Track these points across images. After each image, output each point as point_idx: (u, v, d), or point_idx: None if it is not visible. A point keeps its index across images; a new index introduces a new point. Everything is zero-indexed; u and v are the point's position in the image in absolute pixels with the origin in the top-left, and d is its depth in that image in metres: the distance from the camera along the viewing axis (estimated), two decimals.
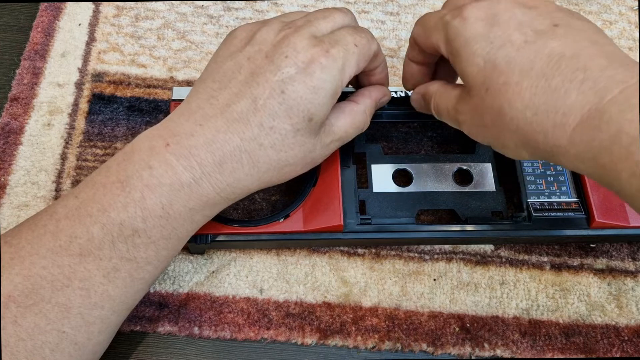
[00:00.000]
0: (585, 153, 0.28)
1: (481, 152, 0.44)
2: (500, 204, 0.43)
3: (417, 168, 0.44)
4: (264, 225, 0.40)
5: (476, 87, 0.32)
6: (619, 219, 0.40)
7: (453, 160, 0.44)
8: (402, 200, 0.42)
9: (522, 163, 0.43)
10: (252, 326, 0.40)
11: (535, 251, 0.44)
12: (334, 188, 0.40)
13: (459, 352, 0.40)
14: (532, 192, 0.42)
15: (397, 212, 0.42)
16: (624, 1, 0.55)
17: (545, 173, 0.42)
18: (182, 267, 0.42)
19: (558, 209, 0.41)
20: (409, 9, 0.55)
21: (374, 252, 0.43)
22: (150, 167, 0.32)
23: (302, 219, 0.40)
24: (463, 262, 0.43)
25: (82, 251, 0.31)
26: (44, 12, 0.53)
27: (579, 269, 0.43)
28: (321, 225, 0.40)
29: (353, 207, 0.41)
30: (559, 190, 0.42)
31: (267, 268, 0.43)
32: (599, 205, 0.41)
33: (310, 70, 0.33)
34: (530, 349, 0.40)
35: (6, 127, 0.47)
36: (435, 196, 0.43)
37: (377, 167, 0.43)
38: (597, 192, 0.41)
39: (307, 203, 0.40)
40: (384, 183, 0.43)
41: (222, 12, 0.54)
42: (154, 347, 0.40)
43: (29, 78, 0.49)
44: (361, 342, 0.40)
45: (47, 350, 0.30)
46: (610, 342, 0.40)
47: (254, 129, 0.33)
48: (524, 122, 0.30)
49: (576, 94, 0.28)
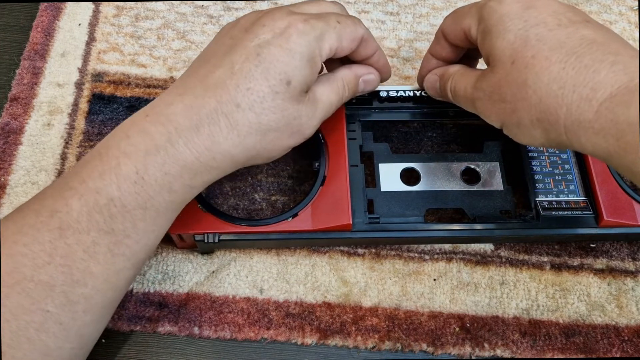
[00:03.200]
0: (610, 129, 0.28)
1: (489, 151, 0.44)
2: (508, 202, 0.43)
3: (425, 167, 0.44)
4: (272, 225, 0.40)
5: (502, 61, 0.33)
6: (627, 217, 0.40)
7: (461, 159, 0.44)
8: (410, 199, 0.42)
9: (531, 162, 0.43)
10: (252, 326, 0.40)
11: (535, 251, 0.44)
12: (342, 187, 0.40)
13: (459, 352, 0.40)
14: (540, 190, 0.42)
15: (406, 211, 0.42)
16: (624, 1, 0.55)
17: (553, 172, 0.42)
18: (182, 267, 0.42)
19: (566, 207, 0.41)
20: (409, 9, 0.55)
21: (374, 252, 0.43)
22: (127, 137, 0.33)
23: (310, 218, 0.40)
24: (463, 262, 0.43)
25: (62, 225, 0.31)
26: (44, 12, 0.53)
27: (579, 269, 0.43)
28: (330, 225, 0.39)
29: (361, 206, 0.41)
30: (567, 189, 0.42)
31: (267, 268, 0.42)
32: (608, 204, 0.41)
33: (287, 34, 0.34)
34: (530, 349, 0.40)
35: (6, 127, 0.47)
36: (444, 195, 0.43)
37: (384, 166, 0.43)
38: (605, 191, 0.41)
39: (315, 202, 0.40)
40: (391, 182, 0.43)
41: (222, 12, 0.54)
42: (154, 347, 0.40)
43: (29, 78, 0.49)
44: (361, 342, 0.40)
45: (32, 331, 0.30)
46: (610, 342, 0.40)
47: (231, 91, 0.33)
48: (548, 95, 0.30)
49: (606, 72, 0.29)
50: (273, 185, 0.46)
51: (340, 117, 0.42)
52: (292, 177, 0.46)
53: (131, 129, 0.33)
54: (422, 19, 0.54)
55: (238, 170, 0.46)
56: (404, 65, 0.51)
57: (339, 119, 0.42)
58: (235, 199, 0.45)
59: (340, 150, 0.42)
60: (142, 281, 0.42)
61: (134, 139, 0.33)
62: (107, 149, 0.33)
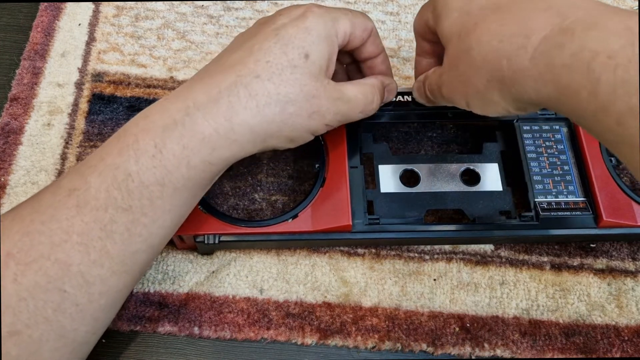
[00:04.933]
0: (546, 74, 0.28)
1: (488, 152, 0.44)
2: (507, 203, 0.43)
3: (424, 168, 0.44)
4: (272, 226, 0.40)
5: (452, 39, 0.34)
6: (626, 218, 0.40)
7: (460, 160, 0.44)
8: (409, 200, 0.42)
9: (530, 163, 0.43)
10: (252, 326, 0.40)
11: (535, 251, 0.44)
12: (342, 188, 0.40)
13: (459, 352, 0.40)
14: (540, 191, 0.42)
15: (405, 213, 0.42)
16: (624, 1, 0.55)
17: (552, 172, 0.43)
18: (182, 267, 0.42)
19: (565, 208, 0.41)
20: (409, 9, 0.55)
21: (374, 252, 0.43)
22: (146, 116, 0.33)
23: (310, 219, 0.40)
24: (463, 262, 0.43)
25: (79, 202, 0.31)
26: (44, 12, 0.53)
27: (579, 269, 0.43)
28: (330, 226, 0.40)
29: (361, 207, 0.41)
30: (566, 189, 0.42)
31: (267, 268, 0.42)
32: (607, 205, 0.41)
33: (304, 17, 0.35)
34: (530, 349, 0.40)
35: (6, 127, 0.47)
36: (443, 196, 0.43)
37: (384, 168, 0.43)
38: (605, 192, 0.41)
39: (315, 203, 0.40)
40: (391, 183, 0.43)
41: (222, 12, 0.54)
42: (154, 347, 0.40)
43: (29, 78, 0.49)
44: (361, 342, 0.40)
45: (50, 310, 0.30)
46: (610, 342, 0.40)
47: (250, 65, 0.34)
48: (489, 52, 0.31)
49: (539, 17, 0.29)
50: (273, 185, 0.46)
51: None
52: (292, 177, 0.46)
53: (150, 110, 0.34)
54: None
55: (238, 170, 0.46)
56: (404, 65, 0.51)
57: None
58: (235, 199, 0.45)
59: (340, 152, 0.42)
60: (142, 281, 0.42)
61: (153, 117, 0.33)
62: (126, 130, 0.33)
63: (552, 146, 0.43)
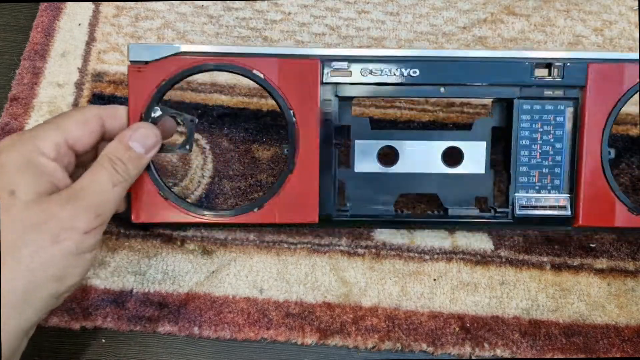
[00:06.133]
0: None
1: (478, 128, 0.42)
2: (486, 189, 0.41)
3: (405, 146, 0.41)
4: (237, 216, 0.39)
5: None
6: (604, 220, 0.40)
7: (445, 137, 0.42)
8: (383, 182, 0.41)
9: (520, 151, 0.41)
10: (252, 326, 0.40)
11: (535, 251, 0.44)
12: (312, 177, 0.39)
13: (459, 352, 0.40)
14: (522, 185, 0.41)
15: (377, 196, 0.41)
16: (624, 1, 0.55)
17: (542, 164, 0.41)
18: (182, 267, 0.42)
19: (544, 206, 0.41)
20: (409, 9, 0.55)
21: (374, 252, 0.43)
22: None
23: (276, 211, 0.39)
24: (463, 262, 0.43)
25: None
26: (44, 12, 0.53)
27: (579, 269, 0.43)
28: (295, 220, 0.39)
29: (331, 194, 0.40)
30: (551, 184, 0.41)
31: (267, 268, 0.42)
32: (587, 206, 0.40)
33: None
34: (530, 348, 0.40)
35: (6, 127, 0.47)
36: (419, 179, 0.41)
37: (361, 144, 0.41)
38: (591, 189, 0.40)
39: (282, 193, 0.39)
40: (367, 162, 0.41)
41: (222, 12, 0.54)
42: (154, 347, 0.40)
43: (29, 78, 0.49)
44: (361, 342, 0.40)
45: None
46: (610, 342, 0.40)
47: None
48: None
49: None
50: None
51: (313, 94, 0.39)
52: None
53: None
54: (422, 19, 0.54)
55: (238, 170, 0.46)
56: None
57: (311, 96, 0.39)
58: (236, 198, 0.45)
59: (311, 134, 0.39)
60: (142, 281, 0.42)
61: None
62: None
63: (550, 131, 0.41)
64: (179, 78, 0.38)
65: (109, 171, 0.35)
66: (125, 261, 0.43)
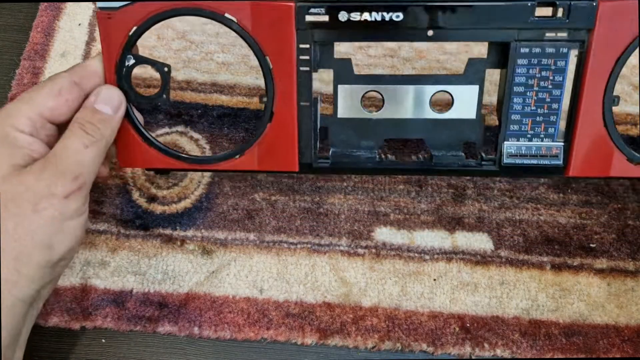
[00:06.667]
0: None
1: (471, 70, 0.39)
2: (476, 134, 0.39)
3: (391, 91, 0.39)
4: (219, 163, 0.39)
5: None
6: (598, 170, 0.38)
7: (435, 81, 0.39)
8: (368, 128, 0.39)
9: (513, 98, 0.37)
10: (252, 326, 0.40)
11: (535, 251, 0.44)
12: (291, 126, 0.38)
13: (459, 352, 0.40)
14: (513, 133, 0.38)
15: (361, 142, 0.39)
16: None
17: (536, 112, 0.38)
18: (182, 267, 0.42)
19: (534, 155, 0.38)
20: None
21: (374, 252, 0.43)
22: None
23: (256, 158, 0.38)
24: (463, 262, 0.43)
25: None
26: (44, 12, 0.53)
27: (579, 269, 0.43)
28: (275, 168, 0.39)
29: (311, 142, 0.38)
30: (545, 132, 0.38)
31: (267, 268, 0.43)
32: (581, 155, 0.38)
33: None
34: (530, 349, 0.40)
35: None
36: (405, 124, 0.39)
37: (344, 88, 0.39)
38: (588, 137, 0.37)
39: (262, 140, 0.38)
40: (350, 107, 0.39)
41: None
42: (154, 347, 0.40)
43: (29, 78, 0.49)
44: (361, 342, 0.40)
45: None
46: (610, 342, 0.40)
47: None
48: None
49: None
50: (273, 186, 0.46)
51: (288, 39, 0.37)
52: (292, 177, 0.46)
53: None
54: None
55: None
56: (404, 65, 0.51)
57: (287, 41, 0.37)
58: (236, 198, 0.45)
59: (289, 82, 0.37)
60: (142, 281, 0.42)
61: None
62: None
63: (548, 77, 0.37)
64: (150, 24, 0.37)
65: (79, 134, 0.35)
66: (125, 261, 0.43)
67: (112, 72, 0.38)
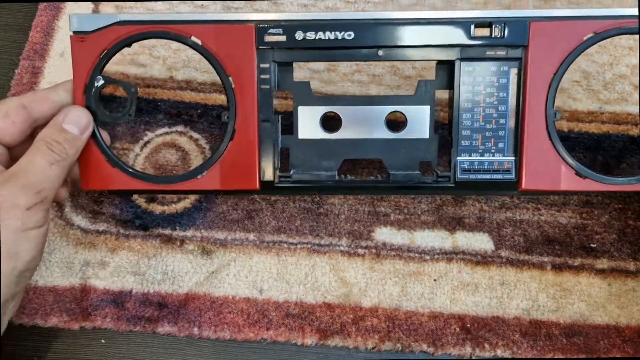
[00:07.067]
0: None
1: (421, 91, 0.40)
2: (431, 153, 0.40)
3: (348, 111, 0.40)
4: (180, 183, 0.39)
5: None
6: (549, 183, 0.39)
7: (388, 102, 0.41)
8: (328, 148, 0.40)
9: (462, 115, 0.40)
10: (252, 326, 0.40)
11: (536, 251, 0.44)
12: (251, 144, 0.39)
13: (459, 353, 0.40)
14: (465, 149, 0.40)
15: (322, 162, 0.40)
16: (624, 1, 0.55)
17: (485, 127, 0.40)
18: (182, 267, 0.42)
19: (488, 169, 0.40)
20: (409, 9, 0.55)
21: (374, 252, 0.43)
22: None
23: (219, 178, 0.39)
24: (463, 262, 0.43)
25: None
26: (44, 12, 0.53)
27: (579, 269, 0.43)
28: (237, 187, 0.39)
29: (271, 162, 0.39)
30: (495, 147, 0.40)
31: (267, 268, 0.42)
32: (531, 169, 0.39)
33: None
34: (530, 349, 0.40)
35: None
36: (363, 144, 0.40)
37: (304, 110, 0.40)
38: (535, 151, 0.39)
39: (224, 159, 0.39)
40: (310, 128, 0.40)
41: (222, 12, 0.54)
42: (154, 347, 0.40)
43: (28, 78, 0.49)
44: (361, 342, 0.40)
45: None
46: (611, 342, 0.40)
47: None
48: None
49: None
50: None
51: (250, 59, 0.39)
52: None
53: None
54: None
55: None
56: (404, 65, 0.51)
57: (248, 61, 0.39)
58: (235, 198, 0.45)
59: (250, 101, 0.39)
60: (141, 281, 0.42)
61: None
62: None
63: (493, 93, 0.39)
64: (120, 46, 0.39)
65: (45, 152, 0.36)
66: (124, 261, 0.43)
67: (81, 92, 0.39)
